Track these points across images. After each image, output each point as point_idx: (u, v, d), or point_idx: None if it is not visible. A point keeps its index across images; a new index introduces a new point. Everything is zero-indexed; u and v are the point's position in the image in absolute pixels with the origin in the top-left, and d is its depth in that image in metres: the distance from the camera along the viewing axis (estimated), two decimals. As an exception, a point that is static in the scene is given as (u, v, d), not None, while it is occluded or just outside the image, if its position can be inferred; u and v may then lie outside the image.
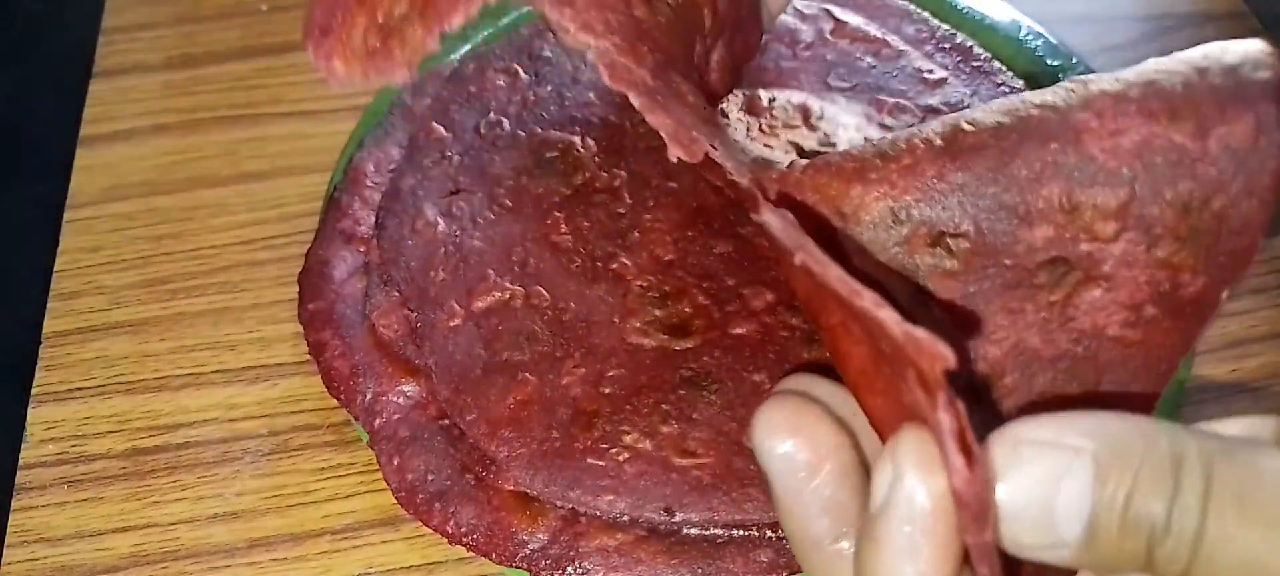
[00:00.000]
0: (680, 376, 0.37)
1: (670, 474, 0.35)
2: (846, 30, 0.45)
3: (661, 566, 0.34)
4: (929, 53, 0.45)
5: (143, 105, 0.49)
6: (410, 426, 0.37)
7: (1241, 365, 0.40)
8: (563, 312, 0.38)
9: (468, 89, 0.45)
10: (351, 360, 0.38)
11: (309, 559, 0.37)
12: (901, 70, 0.44)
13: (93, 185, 0.47)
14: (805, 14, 0.46)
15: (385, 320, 0.39)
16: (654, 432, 0.36)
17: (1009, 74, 0.44)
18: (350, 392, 0.38)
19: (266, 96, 0.49)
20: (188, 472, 0.39)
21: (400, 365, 0.38)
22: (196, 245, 0.45)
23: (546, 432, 0.36)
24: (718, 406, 0.36)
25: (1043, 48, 0.46)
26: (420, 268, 0.40)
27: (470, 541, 0.35)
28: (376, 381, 0.38)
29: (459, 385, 0.37)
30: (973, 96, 0.43)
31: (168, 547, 0.37)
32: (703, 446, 0.35)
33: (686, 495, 0.35)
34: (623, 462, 0.35)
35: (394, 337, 0.39)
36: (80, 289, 0.44)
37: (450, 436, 0.37)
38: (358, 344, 0.39)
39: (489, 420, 0.36)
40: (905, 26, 0.46)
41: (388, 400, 0.38)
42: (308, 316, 0.40)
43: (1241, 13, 0.50)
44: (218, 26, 0.52)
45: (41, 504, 0.38)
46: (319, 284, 0.41)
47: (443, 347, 0.38)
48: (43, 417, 0.40)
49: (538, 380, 0.37)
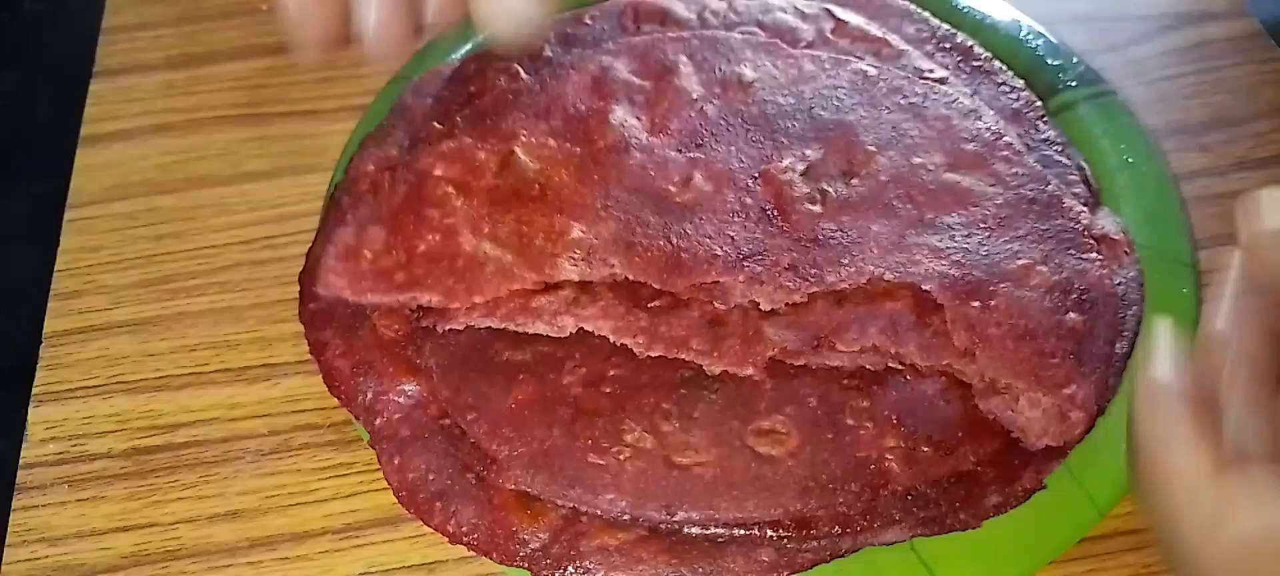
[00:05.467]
0: (681, 376, 0.37)
1: (671, 472, 0.35)
2: (847, 30, 0.45)
3: (663, 565, 0.34)
4: (929, 52, 0.45)
5: (143, 105, 0.49)
6: (411, 426, 0.37)
7: (1242, 364, 0.40)
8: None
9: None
10: (352, 359, 0.38)
11: (310, 558, 0.37)
12: (902, 70, 0.44)
13: (93, 185, 0.47)
14: (806, 13, 0.46)
15: (386, 320, 0.39)
16: (655, 431, 0.36)
17: (1010, 73, 0.44)
18: (351, 392, 0.38)
19: (267, 96, 0.49)
20: (189, 472, 0.39)
21: (401, 364, 0.38)
22: (197, 245, 0.45)
23: (547, 432, 0.36)
24: (719, 405, 0.36)
25: (1043, 47, 0.46)
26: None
27: (471, 541, 0.35)
28: (377, 380, 0.38)
29: (460, 384, 0.37)
30: (973, 95, 0.43)
31: (169, 547, 0.37)
32: (704, 445, 0.35)
33: (687, 494, 0.35)
34: (623, 461, 0.35)
35: (395, 337, 0.39)
36: (81, 288, 0.44)
37: (451, 436, 0.37)
38: (359, 343, 0.39)
39: (490, 419, 0.36)
40: (906, 26, 0.46)
41: (388, 399, 0.37)
42: (308, 316, 0.40)
43: (1241, 12, 0.50)
44: (218, 26, 0.52)
45: (42, 503, 0.38)
46: (319, 281, 0.40)
47: (444, 347, 0.38)
48: (43, 417, 0.40)
49: (538, 380, 0.37)
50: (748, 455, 0.35)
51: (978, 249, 0.38)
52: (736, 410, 0.36)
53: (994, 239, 0.38)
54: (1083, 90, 0.44)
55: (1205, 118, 0.46)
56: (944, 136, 0.41)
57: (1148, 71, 0.48)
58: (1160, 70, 0.48)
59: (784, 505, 0.34)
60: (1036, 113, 0.43)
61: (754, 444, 0.35)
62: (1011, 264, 0.38)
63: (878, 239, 0.38)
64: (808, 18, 0.46)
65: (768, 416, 0.36)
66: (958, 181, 0.40)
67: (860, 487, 0.34)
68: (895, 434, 0.35)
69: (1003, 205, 0.39)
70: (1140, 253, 0.40)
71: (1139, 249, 0.40)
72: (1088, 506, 0.35)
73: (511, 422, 0.36)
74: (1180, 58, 0.48)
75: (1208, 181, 0.45)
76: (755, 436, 0.35)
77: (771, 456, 0.35)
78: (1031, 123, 0.43)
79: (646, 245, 0.38)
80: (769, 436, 0.35)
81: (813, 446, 0.35)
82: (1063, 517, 0.35)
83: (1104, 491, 0.35)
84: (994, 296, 0.37)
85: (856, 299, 0.37)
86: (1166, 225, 0.41)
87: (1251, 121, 0.46)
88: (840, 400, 0.36)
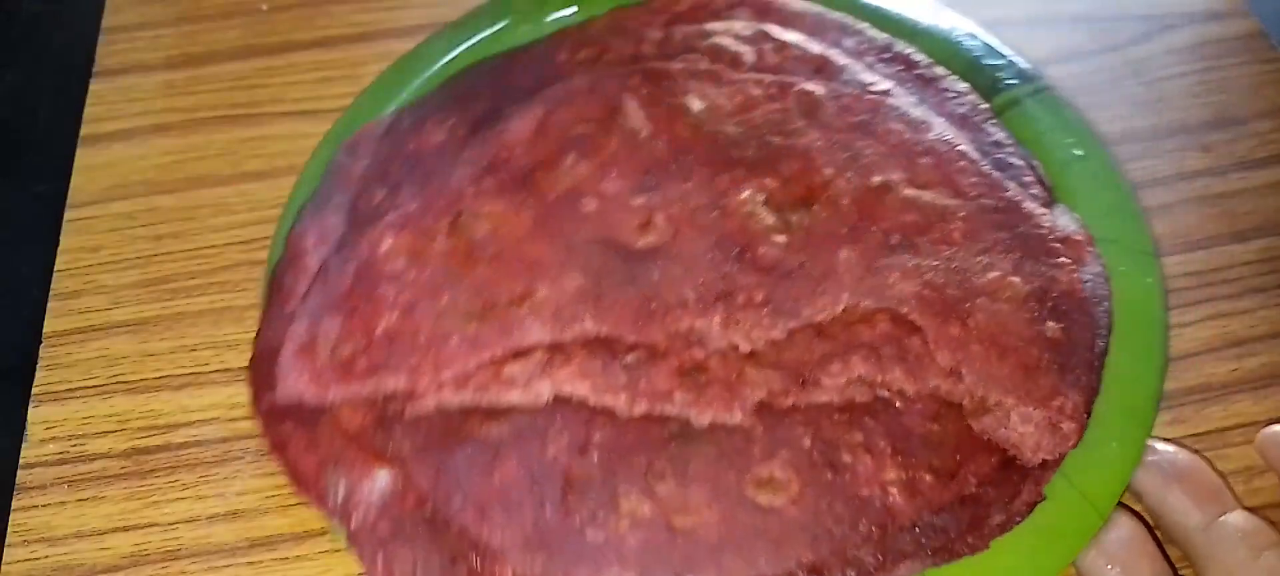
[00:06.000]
0: (669, 431, 0.35)
1: (675, 537, 0.33)
2: (787, 49, 0.44)
3: None
4: (871, 64, 0.44)
5: (143, 105, 0.49)
6: (390, 521, 0.35)
7: (1242, 365, 0.40)
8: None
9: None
10: (318, 454, 0.36)
11: (310, 558, 0.37)
12: (847, 86, 0.42)
13: (93, 185, 0.47)
14: (743, 36, 0.44)
15: (348, 409, 0.36)
16: (651, 494, 0.34)
17: (952, 77, 0.44)
18: (320, 491, 0.35)
19: (267, 96, 0.49)
20: (189, 472, 0.39)
21: (371, 454, 0.36)
22: (197, 245, 0.45)
23: (539, 510, 0.34)
24: (712, 458, 0.34)
25: (979, 47, 0.45)
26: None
27: None
28: (347, 473, 0.35)
29: (438, 469, 0.35)
30: (920, 104, 0.42)
31: (168, 547, 0.37)
32: (703, 503, 0.34)
33: (695, 560, 0.33)
34: (624, 533, 0.33)
35: (361, 426, 0.36)
36: (81, 288, 0.44)
37: (435, 526, 0.34)
38: (322, 436, 0.36)
39: (476, 504, 0.34)
40: (844, 40, 0.45)
41: (362, 494, 0.35)
42: (264, 412, 0.37)
43: (1241, 12, 0.50)
44: (218, 26, 0.52)
45: (42, 503, 0.38)
46: (273, 374, 0.37)
47: (415, 431, 0.36)
48: (43, 417, 0.40)
49: (521, 454, 0.35)
50: (750, 508, 0.34)
51: (948, 265, 0.37)
52: (731, 461, 0.34)
53: (962, 254, 0.37)
54: (1024, 88, 0.44)
55: (1206, 118, 0.46)
56: (898, 152, 0.40)
57: (1148, 71, 0.48)
58: (1160, 70, 0.48)
59: (795, 556, 0.33)
60: (983, 116, 0.42)
61: (754, 495, 0.34)
62: (983, 277, 0.37)
63: (848, 265, 0.37)
64: (746, 40, 0.44)
65: (764, 464, 0.34)
66: (918, 197, 0.39)
67: (868, 527, 0.33)
68: (894, 465, 0.34)
69: (966, 218, 0.38)
70: (1100, 246, 0.39)
71: (1099, 243, 0.39)
72: (1088, 510, 0.34)
73: (499, 504, 0.34)
74: (1180, 58, 0.48)
75: (1208, 181, 0.45)
76: (755, 487, 0.34)
77: (774, 507, 0.34)
78: (980, 126, 0.42)
79: (615, 296, 0.37)
80: (769, 485, 0.34)
81: (814, 490, 0.34)
82: (1066, 526, 0.34)
83: (1101, 493, 0.35)
84: (971, 313, 0.36)
85: (835, 329, 0.36)
86: (1122, 216, 0.40)
87: (1252, 121, 0.46)
88: (834, 437, 0.35)
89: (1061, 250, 0.38)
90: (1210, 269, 0.42)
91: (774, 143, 0.40)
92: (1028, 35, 0.49)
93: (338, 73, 0.50)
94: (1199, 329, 0.41)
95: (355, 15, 0.52)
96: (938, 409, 0.35)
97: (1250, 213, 0.44)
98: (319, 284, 0.39)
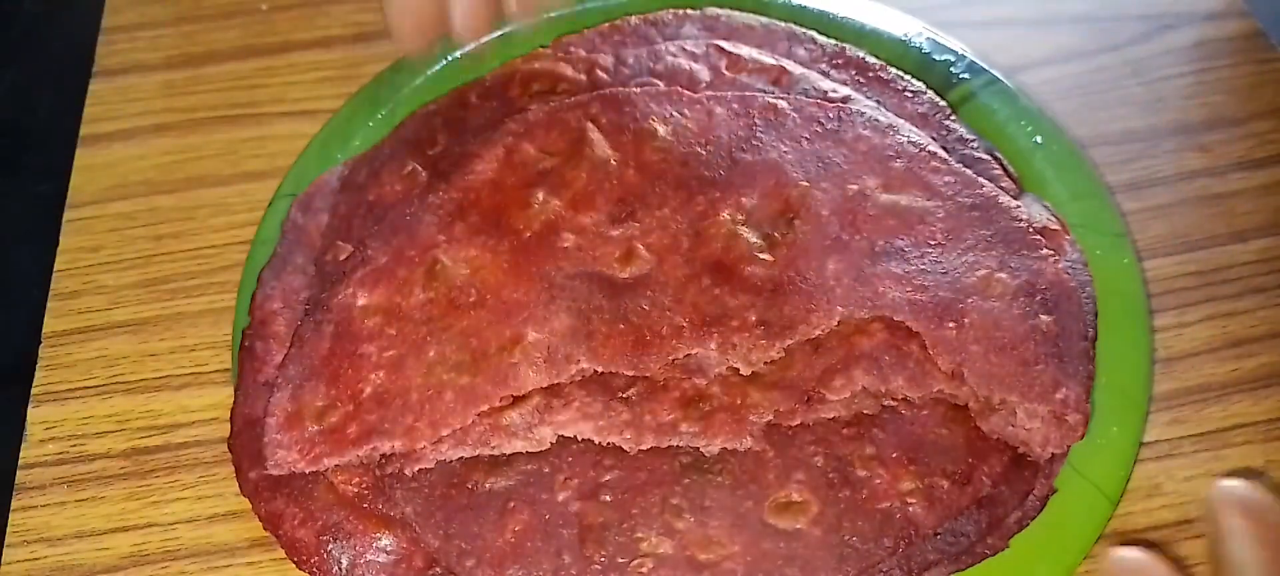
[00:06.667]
0: (680, 464, 0.35)
1: (701, 573, 0.33)
2: (742, 63, 0.44)
3: None
4: (825, 71, 0.44)
5: (143, 105, 0.49)
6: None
7: (1241, 365, 0.40)
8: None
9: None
10: (315, 526, 0.34)
11: (309, 558, 0.37)
12: (806, 94, 0.42)
13: (93, 185, 0.47)
14: (696, 53, 0.44)
15: (343, 475, 0.35)
16: (670, 532, 0.33)
17: (907, 77, 0.44)
18: (322, 564, 0.34)
19: (266, 96, 0.49)
20: (188, 472, 0.39)
21: (372, 519, 0.34)
22: (197, 245, 0.45)
23: (557, 560, 0.33)
24: (727, 487, 0.34)
25: (927, 43, 0.45)
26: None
27: None
28: (349, 543, 0.34)
29: (446, 528, 0.34)
30: (880, 106, 0.42)
31: (168, 547, 0.37)
32: (725, 535, 0.33)
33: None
34: (647, 574, 0.33)
35: (358, 491, 0.35)
36: (80, 288, 0.44)
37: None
38: (317, 506, 0.35)
39: (489, 560, 0.33)
40: (796, 49, 0.45)
41: (367, 563, 0.34)
42: (252, 487, 0.36)
43: (1240, 12, 0.50)
44: (218, 26, 0.52)
45: (41, 503, 0.38)
46: (255, 448, 0.36)
47: (417, 490, 0.35)
48: (43, 417, 0.40)
49: (531, 503, 0.34)
50: (773, 534, 0.33)
51: (935, 267, 0.37)
52: (748, 488, 0.34)
53: (948, 254, 0.37)
54: (976, 80, 0.44)
55: (1205, 118, 0.46)
56: (869, 157, 0.40)
57: (1146, 71, 0.48)
58: (1160, 70, 0.48)
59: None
60: (943, 113, 0.43)
61: (775, 521, 0.34)
62: (971, 276, 0.37)
63: (837, 277, 0.37)
64: (699, 58, 0.44)
65: (781, 487, 0.34)
66: (896, 201, 0.39)
67: (892, 541, 0.33)
68: (909, 475, 0.34)
69: (945, 218, 0.38)
70: (1074, 232, 0.40)
71: (1073, 229, 0.40)
72: (1099, 498, 0.35)
73: (514, 558, 0.33)
74: (1180, 58, 0.48)
75: (1207, 181, 0.45)
76: (774, 512, 0.34)
77: (797, 530, 0.33)
78: (941, 124, 0.42)
79: (607, 331, 0.36)
80: (788, 509, 0.34)
81: (834, 509, 0.34)
82: (1079, 515, 0.35)
83: (1108, 479, 0.35)
84: (965, 313, 0.36)
85: (832, 342, 0.36)
86: (1091, 199, 0.41)
87: (1250, 121, 0.46)
88: (846, 452, 0.35)
89: (1041, 242, 0.38)
90: (1210, 269, 0.42)
91: (745, 159, 0.40)
92: (1028, 35, 0.49)
93: (337, 73, 0.49)
94: (1199, 329, 0.41)
95: (355, 15, 0.52)
96: (945, 413, 0.35)
97: (1249, 213, 0.44)
98: (295, 350, 0.37)
